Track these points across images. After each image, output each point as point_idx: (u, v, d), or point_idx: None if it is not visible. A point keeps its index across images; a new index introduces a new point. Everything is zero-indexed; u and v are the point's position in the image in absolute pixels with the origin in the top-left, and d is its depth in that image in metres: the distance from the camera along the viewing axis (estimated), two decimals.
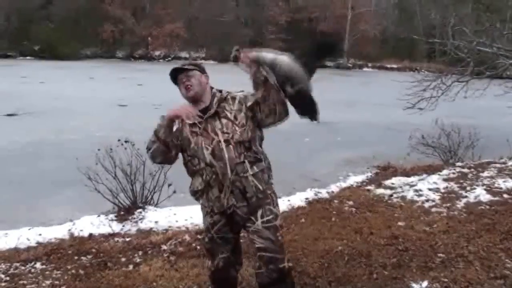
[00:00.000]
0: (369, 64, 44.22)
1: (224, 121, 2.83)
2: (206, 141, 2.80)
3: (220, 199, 2.82)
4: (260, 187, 2.84)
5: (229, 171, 2.76)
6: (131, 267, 4.18)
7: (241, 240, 3.18)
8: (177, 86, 2.96)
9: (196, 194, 2.91)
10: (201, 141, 2.81)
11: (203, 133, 2.82)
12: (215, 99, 2.89)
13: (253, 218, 2.86)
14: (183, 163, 2.96)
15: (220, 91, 2.98)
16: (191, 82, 2.88)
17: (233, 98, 2.91)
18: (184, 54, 42.43)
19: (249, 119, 2.85)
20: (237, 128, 2.81)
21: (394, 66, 42.71)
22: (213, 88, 2.99)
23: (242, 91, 2.98)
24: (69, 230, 5.23)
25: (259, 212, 2.86)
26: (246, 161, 2.81)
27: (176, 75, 2.92)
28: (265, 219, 2.86)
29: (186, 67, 2.91)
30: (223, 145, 2.78)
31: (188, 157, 2.88)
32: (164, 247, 4.61)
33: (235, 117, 2.84)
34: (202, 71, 2.98)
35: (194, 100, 2.90)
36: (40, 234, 5.15)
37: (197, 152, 2.81)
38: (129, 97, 17.79)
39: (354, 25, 44.56)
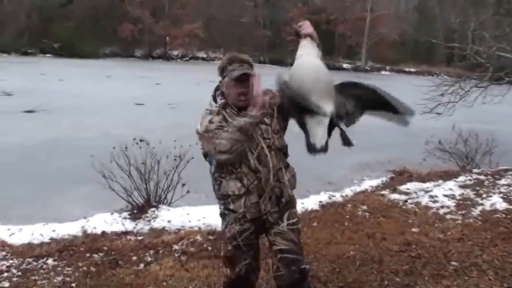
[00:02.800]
0: (387, 68, 43.96)
1: (263, 126, 2.76)
2: (252, 145, 2.72)
3: (258, 205, 2.78)
4: (291, 193, 2.87)
5: (271, 177, 2.75)
6: (142, 266, 4.18)
7: None
8: (228, 80, 2.74)
9: (228, 199, 2.80)
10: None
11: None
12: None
13: (279, 221, 2.84)
14: (216, 164, 2.81)
15: None
16: (249, 89, 2.72)
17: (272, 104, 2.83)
18: (202, 54, 42.66)
19: (281, 122, 2.84)
20: (274, 135, 2.79)
21: (413, 70, 42.41)
22: None
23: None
24: (83, 227, 5.26)
25: (286, 215, 2.85)
26: (283, 166, 2.83)
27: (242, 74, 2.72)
28: (290, 221, 2.85)
29: (254, 73, 2.74)
30: (266, 151, 2.74)
31: None
32: (175, 246, 4.61)
33: (271, 123, 2.80)
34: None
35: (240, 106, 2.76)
36: (54, 230, 5.19)
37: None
38: (146, 96, 17.90)
39: (373, 28, 44.30)
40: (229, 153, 2.63)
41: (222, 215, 2.90)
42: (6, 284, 3.85)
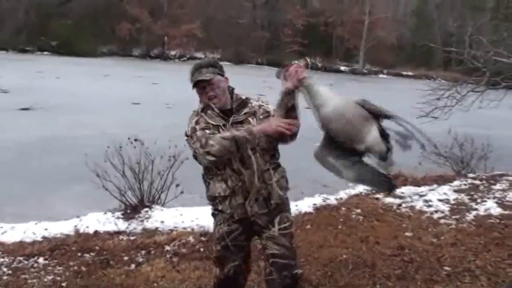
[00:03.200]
0: (385, 71, 44.01)
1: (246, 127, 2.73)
2: None
3: (244, 206, 2.76)
4: (281, 194, 2.82)
5: (256, 179, 2.71)
6: (133, 266, 4.16)
7: None
8: (195, 89, 2.80)
9: (216, 200, 2.81)
10: None
11: None
12: (238, 103, 2.81)
13: (270, 225, 2.82)
14: (204, 166, 2.83)
15: (237, 93, 2.88)
16: (215, 92, 2.76)
17: (259, 106, 2.82)
18: (199, 55, 42.57)
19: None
20: (262, 136, 2.72)
21: (410, 73, 42.44)
22: (233, 89, 2.88)
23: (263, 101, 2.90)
24: (75, 226, 5.23)
25: (277, 219, 2.82)
26: (270, 168, 2.78)
27: (197, 81, 2.76)
28: (282, 226, 2.82)
29: (211, 77, 2.74)
30: (250, 152, 2.70)
31: None
32: (167, 247, 4.58)
33: (256, 124, 2.74)
34: (222, 72, 2.84)
35: (218, 108, 2.78)
36: (46, 229, 5.15)
37: None
38: (143, 95, 17.87)
39: (371, 31, 44.36)
40: (217, 158, 2.62)
41: (213, 215, 2.92)
42: None
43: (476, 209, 5.75)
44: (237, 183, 2.72)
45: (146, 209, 5.78)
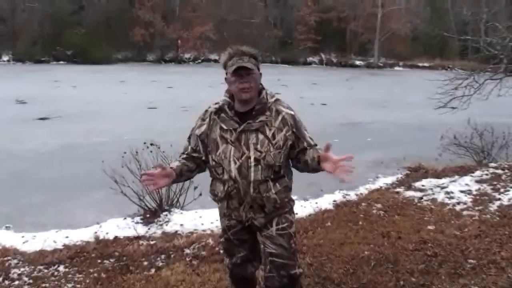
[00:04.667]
0: (400, 63, 43.71)
1: (260, 136, 2.61)
2: (236, 154, 2.61)
3: (239, 211, 2.75)
4: (279, 201, 2.72)
5: (251, 190, 2.65)
6: (153, 271, 4.14)
7: None
8: (229, 75, 2.64)
9: (216, 198, 2.80)
10: (230, 151, 2.62)
11: (235, 143, 2.61)
12: (260, 107, 2.64)
13: (268, 225, 2.79)
14: (208, 166, 2.79)
15: (267, 94, 2.71)
16: (251, 84, 2.59)
17: (278, 113, 2.66)
18: (214, 56, 42.64)
19: (288, 140, 2.66)
20: (271, 149, 2.61)
21: (426, 64, 42.07)
22: (263, 88, 2.72)
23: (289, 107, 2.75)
24: (95, 232, 5.24)
25: (275, 220, 2.78)
26: (269, 179, 2.67)
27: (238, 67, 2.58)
28: (280, 226, 2.78)
29: (253, 67, 2.59)
30: (252, 163, 2.60)
31: (213, 162, 2.70)
32: (187, 250, 4.56)
33: (273, 136, 2.62)
34: (259, 67, 2.68)
35: (245, 102, 2.65)
36: (67, 237, 5.18)
37: (223, 161, 2.64)
38: (159, 99, 17.96)
39: (384, 24, 43.99)
40: None
41: (218, 208, 2.94)
42: None
43: (499, 199, 5.64)
44: (233, 189, 2.68)
45: (165, 212, 5.78)
